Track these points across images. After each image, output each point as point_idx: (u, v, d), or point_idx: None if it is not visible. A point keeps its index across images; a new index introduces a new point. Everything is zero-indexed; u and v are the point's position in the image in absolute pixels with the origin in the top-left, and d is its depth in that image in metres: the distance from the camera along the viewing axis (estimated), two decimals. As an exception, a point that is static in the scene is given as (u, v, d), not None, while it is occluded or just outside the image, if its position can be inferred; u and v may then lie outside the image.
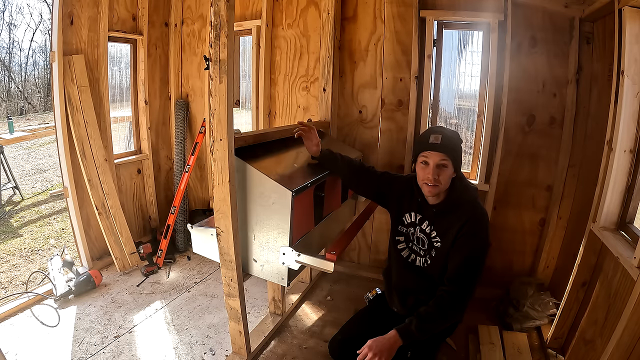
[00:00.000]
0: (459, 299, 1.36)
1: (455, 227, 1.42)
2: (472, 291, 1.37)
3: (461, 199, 1.47)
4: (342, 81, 2.60)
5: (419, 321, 1.35)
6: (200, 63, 3.07)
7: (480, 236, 1.40)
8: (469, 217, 1.41)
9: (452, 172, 1.44)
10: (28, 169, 6.00)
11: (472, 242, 1.40)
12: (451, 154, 1.41)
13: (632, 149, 1.52)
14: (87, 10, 2.46)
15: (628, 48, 1.48)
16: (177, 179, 3.13)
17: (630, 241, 1.45)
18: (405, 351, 1.49)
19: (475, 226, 1.40)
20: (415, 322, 1.35)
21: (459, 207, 1.45)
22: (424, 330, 1.35)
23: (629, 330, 1.20)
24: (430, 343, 1.56)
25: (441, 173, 1.41)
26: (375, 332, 1.62)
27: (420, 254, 1.57)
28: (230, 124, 1.39)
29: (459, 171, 1.48)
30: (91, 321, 2.12)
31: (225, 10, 1.30)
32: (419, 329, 1.34)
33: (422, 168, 1.45)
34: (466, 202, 1.46)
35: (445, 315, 1.37)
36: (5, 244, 3.41)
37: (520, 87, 2.19)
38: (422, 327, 1.34)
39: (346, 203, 2.08)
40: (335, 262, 1.39)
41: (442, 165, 1.41)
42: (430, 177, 1.41)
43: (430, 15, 2.28)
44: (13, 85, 11.50)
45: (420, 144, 1.48)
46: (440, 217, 1.49)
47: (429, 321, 1.35)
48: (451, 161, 1.41)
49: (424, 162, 1.44)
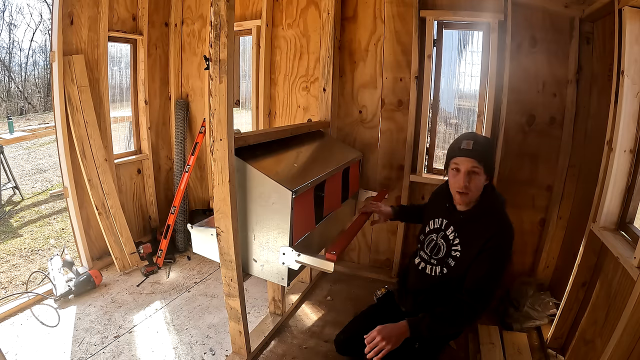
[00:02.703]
0: (475, 311, 1.36)
1: (482, 238, 1.39)
2: (489, 304, 1.38)
3: (491, 209, 1.45)
4: (342, 81, 2.60)
5: (431, 320, 1.35)
6: (200, 63, 3.07)
7: (505, 252, 1.39)
8: (497, 230, 1.39)
9: (484, 179, 1.42)
10: (28, 169, 6.00)
11: (496, 256, 1.38)
12: (483, 160, 1.39)
13: (632, 149, 1.52)
14: (87, 10, 2.46)
15: (628, 48, 1.48)
16: (177, 179, 3.13)
17: (630, 241, 1.45)
18: (412, 342, 1.50)
19: (502, 241, 1.38)
20: (427, 319, 1.35)
21: (488, 217, 1.43)
22: (433, 330, 1.35)
23: (629, 330, 1.20)
24: (438, 340, 1.57)
25: (472, 180, 1.40)
26: None
27: (431, 262, 1.54)
28: (230, 124, 1.39)
29: (491, 178, 1.47)
30: (91, 321, 2.12)
31: (225, 10, 1.30)
32: (429, 327, 1.35)
33: (453, 175, 1.44)
34: (495, 213, 1.44)
35: (457, 323, 1.38)
36: (5, 244, 3.41)
37: (520, 87, 2.19)
38: (432, 326, 1.35)
39: (346, 203, 2.07)
40: (335, 262, 1.38)
41: (473, 172, 1.39)
42: (461, 184, 1.40)
43: (430, 15, 2.28)
44: (13, 85, 11.51)
45: (452, 150, 1.47)
46: (466, 225, 1.47)
47: (440, 323, 1.36)
48: (483, 168, 1.40)
49: (455, 169, 1.43)
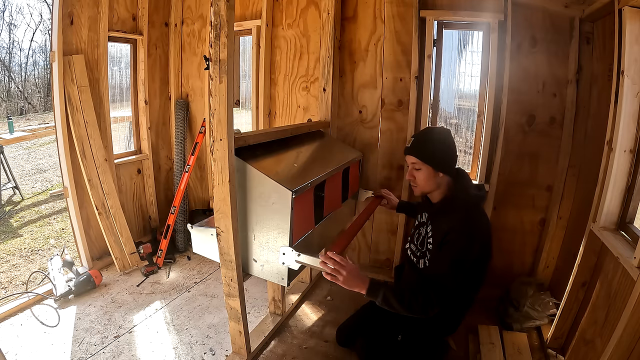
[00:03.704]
0: (429, 301, 1.30)
1: (443, 232, 1.40)
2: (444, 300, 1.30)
3: (457, 201, 1.46)
4: (342, 81, 2.60)
5: (388, 291, 1.31)
6: (200, 63, 3.07)
7: (461, 248, 1.34)
8: (454, 225, 1.37)
9: (429, 173, 1.48)
10: (28, 169, 6.00)
11: (451, 251, 1.35)
12: (419, 154, 1.48)
13: (632, 149, 1.52)
14: (87, 10, 2.46)
15: (628, 48, 1.48)
16: (177, 179, 3.13)
17: (630, 241, 1.45)
18: (396, 334, 1.54)
19: (457, 237, 1.35)
20: (386, 289, 1.32)
21: (454, 211, 1.43)
22: (386, 300, 1.31)
23: (629, 330, 1.20)
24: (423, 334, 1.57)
25: (416, 174, 1.51)
26: (377, 321, 1.68)
27: (417, 255, 1.59)
28: (230, 124, 1.39)
29: (442, 170, 1.48)
30: (91, 321, 2.12)
31: (225, 10, 1.30)
32: (384, 296, 1.31)
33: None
34: (460, 207, 1.43)
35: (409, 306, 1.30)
36: (5, 244, 3.41)
37: (520, 87, 2.19)
38: (387, 297, 1.30)
39: (346, 203, 2.07)
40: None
41: (414, 167, 1.51)
42: (407, 178, 1.55)
43: (430, 15, 2.28)
44: (13, 85, 11.51)
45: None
46: (437, 217, 1.53)
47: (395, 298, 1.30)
48: (423, 162, 1.47)
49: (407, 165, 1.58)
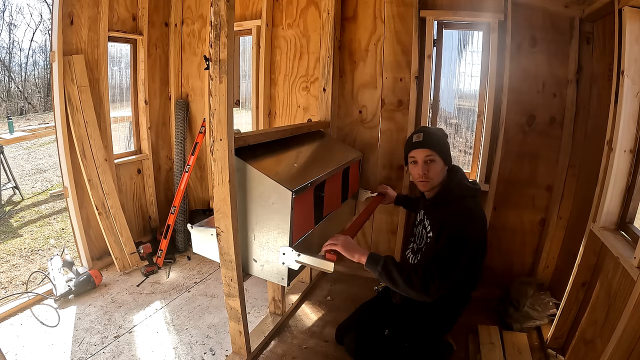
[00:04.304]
0: (426, 281, 1.27)
1: (439, 224, 1.43)
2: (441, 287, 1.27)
3: (454, 193, 1.49)
4: (342, 81, 2.60)
5: (389, 263, 1.31)
6: (200, 63, 3.07)
7: (457, 238, 1.35)
8: (448, 216, 1.40)
9: (442, 165, 1.51)
10: (28, 169, 6.00)
11: (449, 241, 1.36)
12: (436, 148, 1.49)
13: (632, 149, 1.52)
14: (87, 10, 2.46)
15: (628, 48, 1.48)
16: (177, 179, 3.13)
17: (630, 241, 1.45)
18: (383, 328, 1.55)
19: (453, 227, 1.37)
20: (386, 261, 1.31)
21: (452, 203, 1.47)
22: (385, 268, 1.30)
23: (629, 330, 1.20)
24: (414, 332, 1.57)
25: (430, 168, 1.50)
26: (375, 318, 1.69)
27: (418, 252, 1.60)
28: (230, 124, 1.39)
29: (449, 164, 1.55)
30: (91, 321, 2.12)
31: (225, 10, 1.30)
32: (384, 264, 1.30)
33: (412, 167, 1.56)
34: (454, 200, 1.48)
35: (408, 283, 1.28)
36: (5, 244, 3.41)
37: (520, 87, 2.19)
38: (386, 269, 1.30)
39: (346, 203, 2.07)
40: (335, 262, 1.38)
41: (429, 160, 1.50)
42: (420, 173, 1.51)
43: (430, 15, 2.28)
44: (13, 85, 11.52)
45: (407, 146, 1.59)
46: (433, 210, 1.54)
47: (395, 272, 1.29)
48: (437, 154, 1.49)
49: (413, 161, 1.55)
